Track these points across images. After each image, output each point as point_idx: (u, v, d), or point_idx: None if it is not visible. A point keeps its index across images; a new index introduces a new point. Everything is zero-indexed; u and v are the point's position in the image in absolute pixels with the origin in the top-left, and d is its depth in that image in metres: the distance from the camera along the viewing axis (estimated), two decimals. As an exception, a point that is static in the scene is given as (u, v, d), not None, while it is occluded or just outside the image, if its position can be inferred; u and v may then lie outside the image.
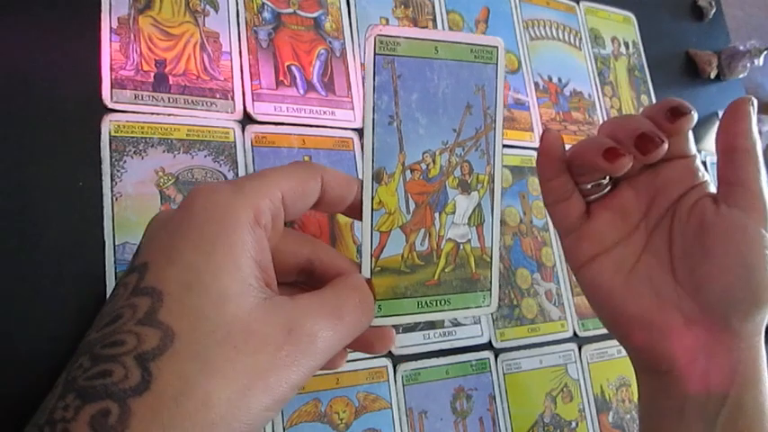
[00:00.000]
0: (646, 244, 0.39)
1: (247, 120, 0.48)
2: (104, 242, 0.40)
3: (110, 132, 0.42)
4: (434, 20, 0.61)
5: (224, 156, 0.46)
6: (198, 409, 0.23)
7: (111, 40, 0.44)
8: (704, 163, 0.72)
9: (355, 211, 0.33)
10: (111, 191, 0.41)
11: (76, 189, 0.40)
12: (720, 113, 0.83)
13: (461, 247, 0.36)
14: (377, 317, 0.33)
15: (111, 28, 0.44)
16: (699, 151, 0.77)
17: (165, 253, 0.26)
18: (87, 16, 0.44)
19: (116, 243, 0.40)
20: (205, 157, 0.45)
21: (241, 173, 0.46)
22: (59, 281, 0.38)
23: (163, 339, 0.24)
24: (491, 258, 0.37)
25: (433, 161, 0.34)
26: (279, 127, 0.49)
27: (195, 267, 0.25)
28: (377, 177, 0.33)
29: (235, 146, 0.47)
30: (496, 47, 0.35)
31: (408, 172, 0.34)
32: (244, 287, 0.26)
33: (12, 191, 0.38)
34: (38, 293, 0.38)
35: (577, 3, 0.74)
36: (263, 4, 0.52)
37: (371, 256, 0.33)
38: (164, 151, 0.44)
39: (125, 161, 0.42)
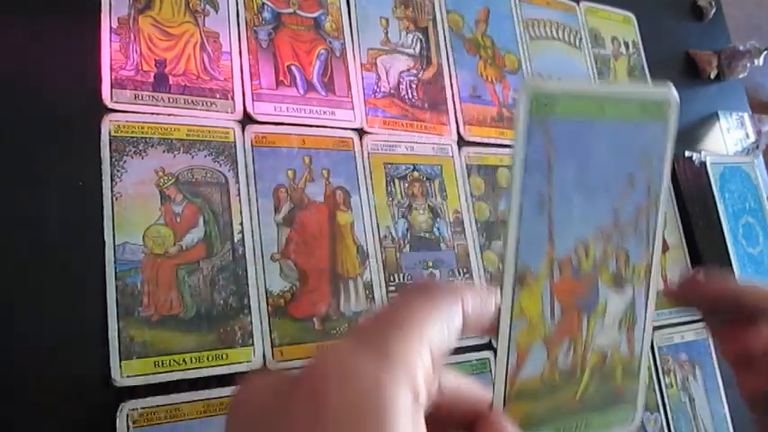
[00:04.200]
0: None
1: (247, 120, 0.48)
2: (104, 242, 0.40)
3: (110, 132, 0.42)
4: (434, 20, 0.61)
5: (224, 156, 0.46)
6: None
7: (111, 40, 0.44)
8: (704, 163, 0.72)
9: (490, 329, 0.27)
10: (111, 191, 0.41)
11: (76, 189, 0.40)
12: (720, 114, 0.83)
13: (609, 356, 0.30)
14: None
15: (111, 28, 0.44)
16: (699, 151, 0.77)
17: None
18: (87, 16, 0.44)
19: (116, 243, 0.40)
20: (205, 157, 0.45)
21: (241, 173, 0.46)
22: (59, 280, 0.38)
23: None
24: (639, 366, 0.31)
25: (586, 252, 0.28)
26: (279, 127, 0.49)
27: None
28: (520, 280, 0.26)
29: (235, 146, 0.47)
30: (670, 102, 0.28)
31: (557, 269, 0.27)
32: None
33: (12, 191, 0.38)
34: (38, 292, 0.38)
35: (577, 3, 0.74)
36: (263, 4, 0.52)
37: (506, 379, 0.26)
38: (164, 151, 0.44)
39: (125, 161, 0.42)
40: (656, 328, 0.65)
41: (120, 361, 0.39)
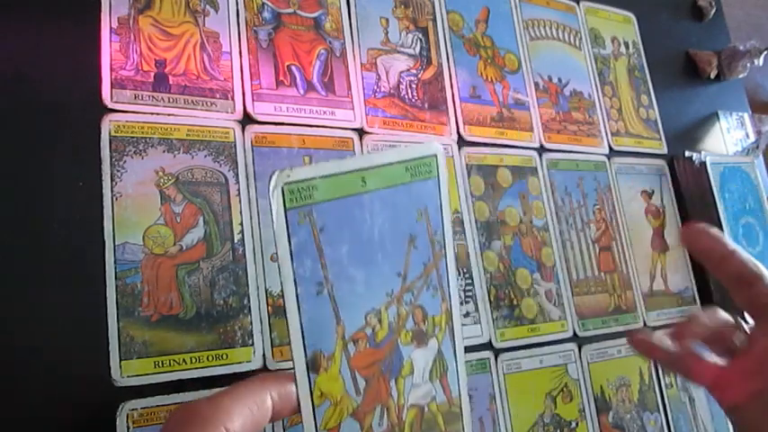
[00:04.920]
0: None
1: (247, 120, 0.48)
2: (104, 242, 0.40)
3: (110, 132, 0.42)
4: (434, 20, 0.61)
5: (224, 156, 0.46)
6: None
7: (111, 40, 0.44)
8: (704, 163, 0.72)
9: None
10: (111, 191, 0.41)
11: (76, 189, 0.40)
12: (720, 114, 0.83)
13: (426, 409, 0.30)
14: None
15: (111, 28, 0.44)
16: (699, 151, 0.77)
17: None
18: (87, 16, 0.44)
19: (116, 243, 0.40)
20: (205, 157, 0.45)
21: (241, 173, 0.46)
22: (60, 280, 0.38)
23: None
24: (460, 407, 0.31)
25: (380, 321, 0.28)
26: (279, 127, 0.49)
27: None
28: (312, 366, 0.25)
29: (235, 146, 0.47)
30: (434, 155, 0.29)
31: (351, 344, 0.27)
32: None
33: (12, 191, 0.38)
34: (37, 292, 0.38)
35: (577, 3, 0.74)
36: (263, 4, 0.52)
37: None
38: (164, 151, 0.44)
39: (125, 161, 0.42)
40: (656, 329, 0.65)
41: (120, 361, 0.39)
